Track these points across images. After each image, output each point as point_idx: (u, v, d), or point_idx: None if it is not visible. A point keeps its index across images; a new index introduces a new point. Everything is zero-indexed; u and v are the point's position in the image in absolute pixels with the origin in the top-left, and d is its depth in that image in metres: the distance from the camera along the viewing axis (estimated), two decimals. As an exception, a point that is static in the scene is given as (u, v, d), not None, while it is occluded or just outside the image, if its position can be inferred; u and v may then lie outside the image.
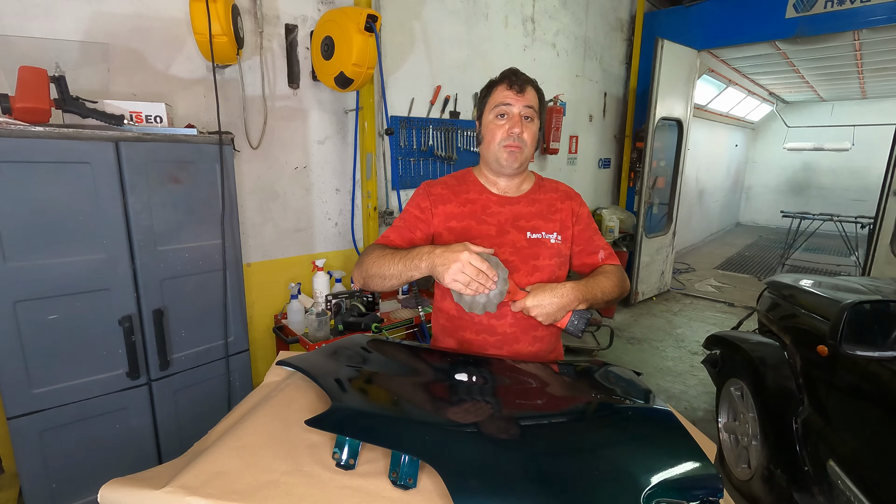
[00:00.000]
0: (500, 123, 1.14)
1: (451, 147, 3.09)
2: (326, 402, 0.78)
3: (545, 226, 1.20)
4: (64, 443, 1.45)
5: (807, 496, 1.61)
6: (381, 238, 1.20)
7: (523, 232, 1.18)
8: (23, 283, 1.32)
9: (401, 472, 0.63)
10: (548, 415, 0.83)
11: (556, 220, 1.21)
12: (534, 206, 1.21)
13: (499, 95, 1.15)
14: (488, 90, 1.18)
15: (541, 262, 1.17)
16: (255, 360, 2.23)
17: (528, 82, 1.15)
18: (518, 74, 1.15)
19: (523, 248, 1.16)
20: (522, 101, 1.13)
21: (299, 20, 2.31)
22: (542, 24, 3.83)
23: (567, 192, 1.27)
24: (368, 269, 1.07)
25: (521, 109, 1.13)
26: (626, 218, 4.78)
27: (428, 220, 1.20)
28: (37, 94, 1.27)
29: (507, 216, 1.19)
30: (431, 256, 0.95)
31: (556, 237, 1.19)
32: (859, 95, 8.51)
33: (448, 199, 1.21)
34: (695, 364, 3.46)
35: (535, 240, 1.18)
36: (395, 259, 1.02)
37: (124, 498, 0.62)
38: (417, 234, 1.19)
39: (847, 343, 1.44)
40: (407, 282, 1.04)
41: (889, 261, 3.56)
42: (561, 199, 1.24)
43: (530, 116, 1.14)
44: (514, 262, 1.15)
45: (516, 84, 1.13)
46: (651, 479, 0.64)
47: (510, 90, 1.13)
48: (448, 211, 1.20)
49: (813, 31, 3.96)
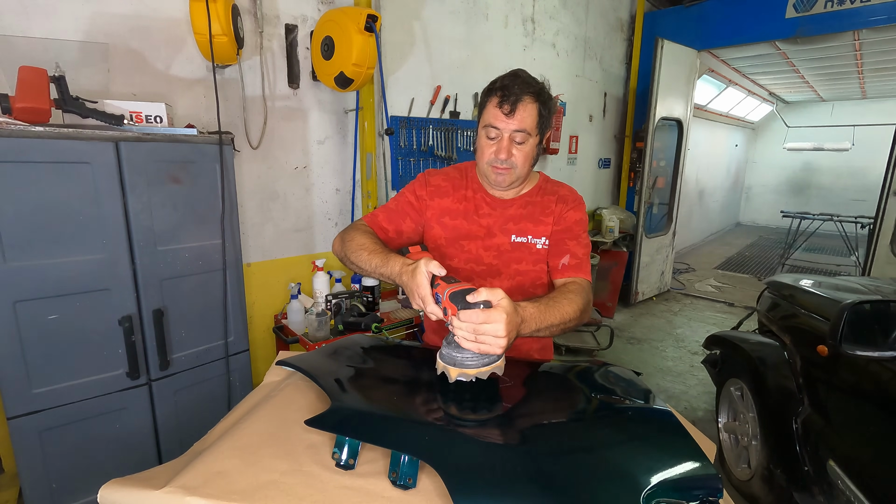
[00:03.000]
0: (489, 142, 1.07)
1: (451, 147, 3.09)
2: (326, 402, 0.78)
3: (533, 229, 1.15)
4: (64, 443, 1.45)
5: (807, 496, 1.61)
6: (370, 216, 1.17)
7: (508, 235, 1.15)
8: (23, 283, 1.32)
9: (400, 472, 0.63)
10: (547, 415, 0.83)
11: (546, 224, 1.16)
12: (527, 208, 1.17)
13: (489, 113, 1.05)
14: (484, 98, 1.08)
15: (523, 266, 1.15)
16: (255, 360, 2.23)
17: (525, 95, 1.02)
18: (512, 88, 1.02)
19: (506, 252, 1.15)
20: (513, 125, 1.03)
21: (299, 20, 2.31)
22: (542, 24, 3.83)
23: (564, 195, 1.18)
24: (348, 252, 1.06)
25: (511, 133, 1.04)
26: (626, 218, 4.78)
27: (421, 209, 1.18)
28: (37, 94, 1.27)
29: (496, 218, 1.16)
30: (401, 277, 0.92)
31: (543, 242, 1.14)
32: (859, 95, 8.51)
33: (446, 193, 1.19)
34: (695, 364, 3.46)
35: (519, 244, 1.14)
36: (372, 260, 1.00)
37: (124, 498, 0.62)
38: (407, 223, 1.17)
39: (847, 343, 1.44)
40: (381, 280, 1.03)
41: (889, 261, 3.56)
42: (556, 203, 1.17)
43: (522, 139, 1.05)
44: (496, 265, 1.15)
45: (507, 101, 1.02)
46: (651, 479, 0.64)
47: (500, 108, 1.03)
48: (444, 205, 1.18)
49: (813, 31, 3.96)
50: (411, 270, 0.87)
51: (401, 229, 1.16)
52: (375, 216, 1.17)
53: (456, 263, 1.16)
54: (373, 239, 1.07)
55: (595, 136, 4.84)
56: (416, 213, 1.18)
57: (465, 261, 1.16)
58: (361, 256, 1.02)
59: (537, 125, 1.06)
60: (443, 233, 1.17)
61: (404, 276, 0.90)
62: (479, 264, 1.15)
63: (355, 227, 1.13)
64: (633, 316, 4.56)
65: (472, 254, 1.16)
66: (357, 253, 1.03)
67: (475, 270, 1.16)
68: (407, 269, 0.90)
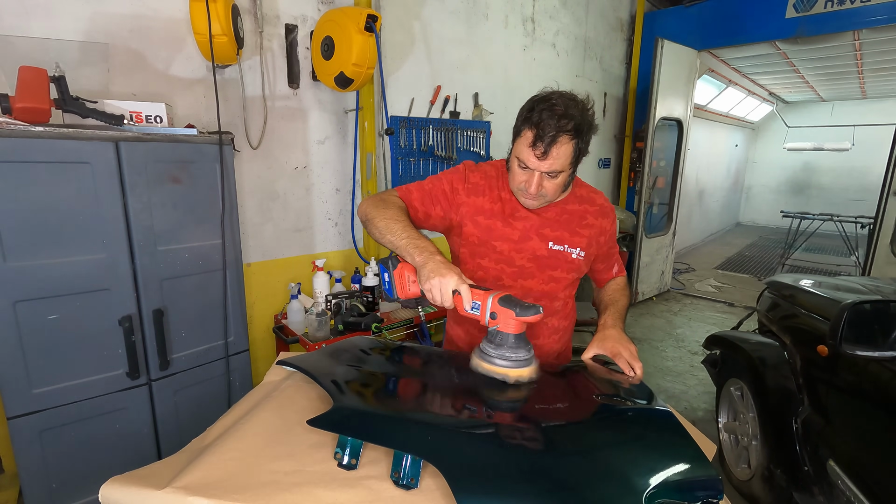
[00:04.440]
0: (520, 171, 1.05)
1: (451, 147, 3.09)
2: (328, 402, 0.78)
3: (570, 239, 1.15)
4: (64, 443, 1.45)
5: (807, 496, 1.61)
6: (404, 191, 1.15)
7: (546, 241, 1.14)
8: (23, 283, 1.32)
9: (403, 472, 0.63)
10: (549, 415, 0.83)
11: (584, 236, 1.16)
12: (563, 216, 1.16)
13: (521, 148, 1.02)
14: (518, 125, 1.03)
15: (557, 273, 1.16)
16: (255, 360, 2.23)
17: (561, 135, 0.97)
18: (548, 126, 0.97)
19: (542, 258, 1.15)
20: (544, 166, 1.00)
21: (299, 20, 2.31)
22: (542, 24, 3.83)
23: (603, 207, 1.21)
24: (376, 220, 1.03)
25: (540, 173, 1.02)
26: (626, 218, 4.78)
27: (454, 202, 1.15)
28: (37, 94, 1.27)
29: (533, 223, 1.14)
30: (424, 259, 0.93)
31: (578, 252, 1.16)
32: (859, 95, 8.50)
33: (483, 192, 1.15)
34: (695, 364, 3.46)
35: (557, 251, 1.14)
36: (401, 233, 0.99)
37: (126, 497, 0.62)
38: (437, 209, 1.14)
39: (847, 343, 1.44)
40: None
41: (889, 261, 3.56)
42: (595, 216, 1.19)
43: (554, 174, 1.03)
44: (530, 268, 1.15)
45: (541, 142, 0.97)
46: (651, 479, 0.64)
47: (533, 148, 0.99)
48: (479, 204, 1.15)
49: (813, 31, 3.96)
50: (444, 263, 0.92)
51: (430, 213, 1.14)
52: (409, 192, 1.14)
53: (487, 263, 1.15)
54: (407, 216, 1.07)
55: (595, 135, 4.82)
56: (448, 203, 1.15)
57: (496, 261, 1.15)
58: (392, 227, 1.01)
59: (571, 161, 1.03)
60: (476, 231, 1.15)
61: (435, 259, 0.92)
62: (511, 266, 1.15)
63: (389, 198, 1.10)
64: (633, 316, 4.56)
65: (505, 255, 1.14)
66: (388, 224, 1.02)
67: (506, 271, 1.15)
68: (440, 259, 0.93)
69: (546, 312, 1.17)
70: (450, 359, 1.06)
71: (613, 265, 1.30)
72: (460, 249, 1.18)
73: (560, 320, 1.24)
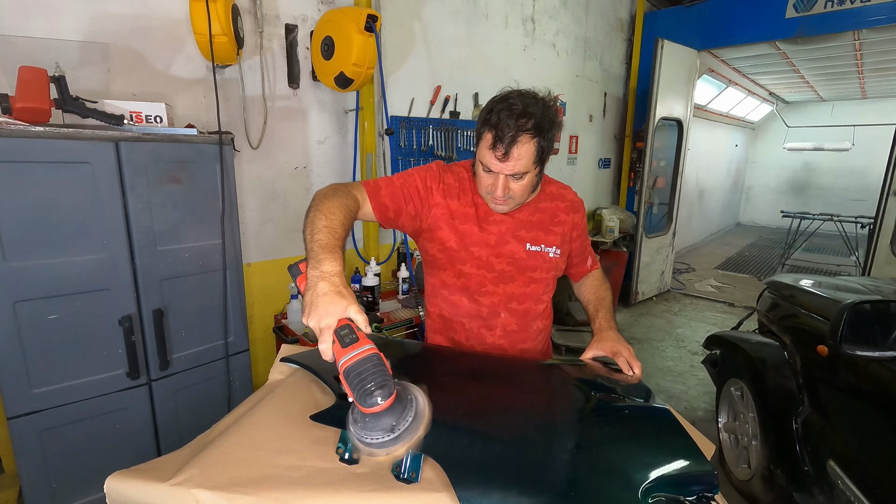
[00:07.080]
0: (485, 174, 1.03)
1: (451, 147, 3.09)
2: (330, 397, 0.79)
3: (545, 238, 1.15)
4: (64, 443, 1.45)
5: (807, 496, 1.61)
6: (372, 188, 1.05)
7: (523, 243, 1.14)
8: (23, 283, 1.32)
9: (404, 467, 0.63)
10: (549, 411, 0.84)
11: (557, 234, 1.17)
12: (536, 215, 1.16)
13: (483, 150, 1.00)
14: (479, 128, 1.01)
15: (538, 274, 1.16)
16: (255, 360, 2.23)
17: (521, 134, 0.94)
18: (506, 127, 0.94)
19: (521, 260, 1.14)
20: (507, 168, 0.98)
21: (299, 20, 2.31)
22: (542, 24, 3.83)
23: (573, 202, 1.21)
24: (310, 210, 0.91)
25: (505, 176, 1.00)
26: (626, 218, 4.78)
27: (428, 202, 1.11)
28: (37, 94, 1.27)
29: (508, 226, 1.13)
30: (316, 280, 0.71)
31: (555, 251, 1.16)
32: (859, 95, 8.51)
33: (456, 195, 1.12)
34: (695, 364, 3.46)
35: (535, 252, 1.14)
36: (317, 233, 0.82)
37: (130, 489, 0.63)
38: (409, 207, 1.08)
39: (847, 343, 1.44)
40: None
41: (889, 261, 3.56)
42: (566, 211, 1.18)
43: (520, 176, 1.00)
44: (510, 272, 1.14)
45: (501, 143, 0.95)
46: (648, 474, 0.65)
47: (493, 150, 0.97)
48: (453, 208, 1.12)
49: (813, 31, 3.96)
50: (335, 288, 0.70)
51: (401, 210, 1.08)
52: (378, 190, 1.05)
53: (468, 269, 1.14)
54: (348, 212, 0.94)
55: (595, 136, 4.84)
56: (421, 201, 1.10)
57: (476, 266, 1.14)
58: (316, 222, 0.86)
59: (535, 160, 1.00)
60: (453, 236, 1.12)
61: (327, 283, 0.70)
62: (491, 270, 1.13)
63: (344, 189, 1.00)
64: (633, 316, 4.56)
65: (484, 260, 1.13)
66: (315, 213, 0.89)
67: (487, 277, 1.14)
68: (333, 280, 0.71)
69: (530, 315, 1.18)
70: (450, 355, 1.06)
71: (587, 258, 1.30)
72: (439, 255, 1.15)
73: (543, 320, 1.24)
